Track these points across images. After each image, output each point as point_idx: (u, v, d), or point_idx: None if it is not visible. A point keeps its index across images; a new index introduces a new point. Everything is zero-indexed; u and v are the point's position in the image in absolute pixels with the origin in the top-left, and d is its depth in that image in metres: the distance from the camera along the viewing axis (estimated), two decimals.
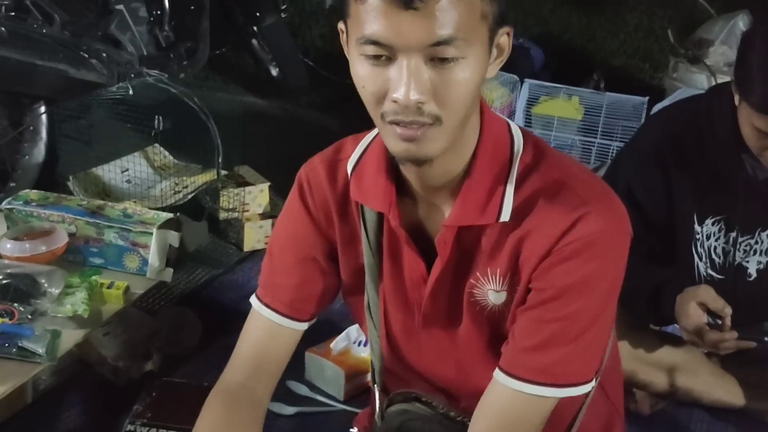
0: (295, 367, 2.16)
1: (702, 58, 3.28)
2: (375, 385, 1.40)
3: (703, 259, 2.11)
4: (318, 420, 2.04)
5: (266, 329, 1.35)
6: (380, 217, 1.25)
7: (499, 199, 1.19)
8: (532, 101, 3.19)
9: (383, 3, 1.04)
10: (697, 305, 1.95)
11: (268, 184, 2.71)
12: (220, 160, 2.42)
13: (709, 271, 2.12)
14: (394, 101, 1.08)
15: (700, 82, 3.25)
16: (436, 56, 1.06)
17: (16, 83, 2.49)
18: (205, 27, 3.22)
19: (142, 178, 2.47)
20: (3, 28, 2.33)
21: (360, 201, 1.26)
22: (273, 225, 2.65)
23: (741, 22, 3.29)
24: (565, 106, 3.14)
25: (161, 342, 2.12)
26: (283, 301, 1.33)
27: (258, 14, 3.57)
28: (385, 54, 1.07)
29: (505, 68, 3.17)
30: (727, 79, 3.13)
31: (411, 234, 1.24)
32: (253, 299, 1.37)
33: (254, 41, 3.70)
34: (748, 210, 2.06)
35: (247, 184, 2.69)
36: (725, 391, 2.12)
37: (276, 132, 3.59)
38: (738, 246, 2.09)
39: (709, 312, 1.97)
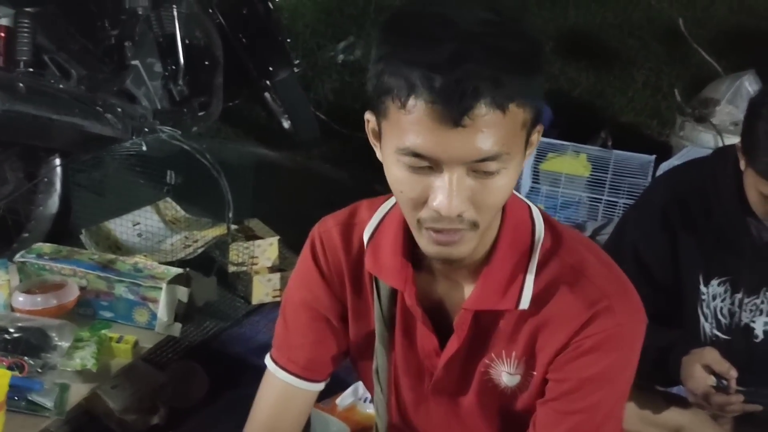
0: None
1: (708, 117, 3.32)
2: None
3: (709, 319, 2.12)
4: None
5: (282, 391, 1.34)
6: (394, 289, 1.25)
7: (519, 285, 1.19)
8: (539, 158, 3.22)
9: (430, 118, 1.02)
10: (702, 367, 1.95)
11: (278, 237, 2.74)
12: (230, 215, 2.45)
13: (715, 331, 2.12)
14: (436, 211, 1.07)
15: (706, 140, 3.28)
16: (480, 170, 1.06)
17: (33, 137, 2.53)
18: (218, 82, 3.28)
19: (153, 232, 2.50)
20: (21, 84, 2.37)
21: (376, 274, 1.25)
22: (281, 278, 2.71)
23: (747, 82, 3.33)
24: (572, 163, 3.17)
25: (168, 395, 2.13)
26: (298, 363, 1.33)
27: (271, 69, 3.63)
28: (426, 165, 1.06)
29: None
30: (733, 138, 3.19)
31: (426, 307, 1.23)
32: (267, 361, 1.36)
33: (267, 94, 3.77)
34: (753, 271, 2.07)
35: (257, 237, 2.72)
36: None
37: (287, 185, 3.63)
38: (744, 307, 2.10)
39: (715, 374, 1.97)
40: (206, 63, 3.22)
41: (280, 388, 1.34)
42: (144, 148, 2.41)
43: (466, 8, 1.05)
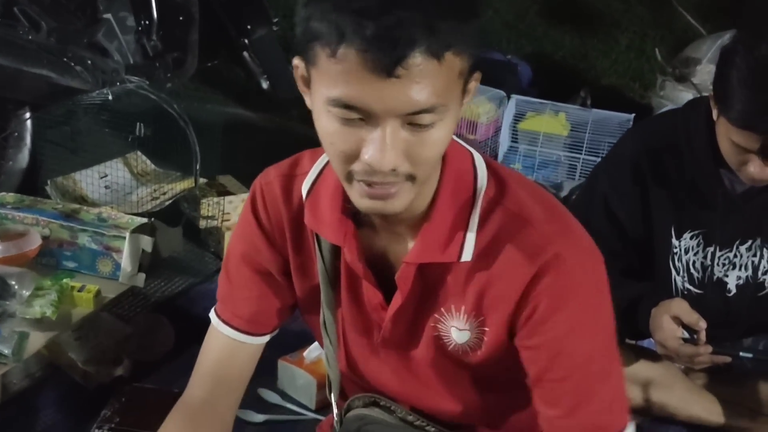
0: (268, 375, 2.17)
1: (689, 76, 3.29)
2: (332, 395, 1.38)
3: (681, 273, 2.10)
4: (287, 428, 2.03)
5: (226, 346, 1.32)
6: (337, 245, 1.20)
7: (461, 238, 1.14)
8: (518, 117, 3.19)
9: (362, 68, 0.96)
10: (671, 319, 1.94)
11: None
12: (198, 167, 2.42)
13: (687, 285, 2.11)
14: (368, 164, 1.02)
15: (687, 99, 3.25)
16: (415, 122, 1.01)
17: (0, 88, 2.49)
18: (193, 38, 3.23)
19: (120, 184, 2.47)
20: None
21: (315, 230, 1.21)
22: None
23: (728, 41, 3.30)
24: (551, 122, 3.14)
25: (133, 348, 2.11)
26: (242, 317, 1.31)
27: (249, 27, 3.58)
28: (358, 117, 1.00)
29: (493, 84, 3.23)
30: None
31: (370, 262, 1.19)
32: (211, 314, 1.34)
33: (245, 54, 3.71)
34: (726, 224, 2.05)
35: (229, 193, 2.69)
36: (702, 407, 2.10)
37: (264, 144, 3.58)
38: (717, 260, 2.08)
39: (684, 326, 1.95)
40: (181, 18, 3.17)
41: (225, 343, 1.32)
42: (110, 97, 2.36)
43: None
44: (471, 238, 1.14)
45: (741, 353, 1.96)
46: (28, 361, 1.92)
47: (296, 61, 1.08)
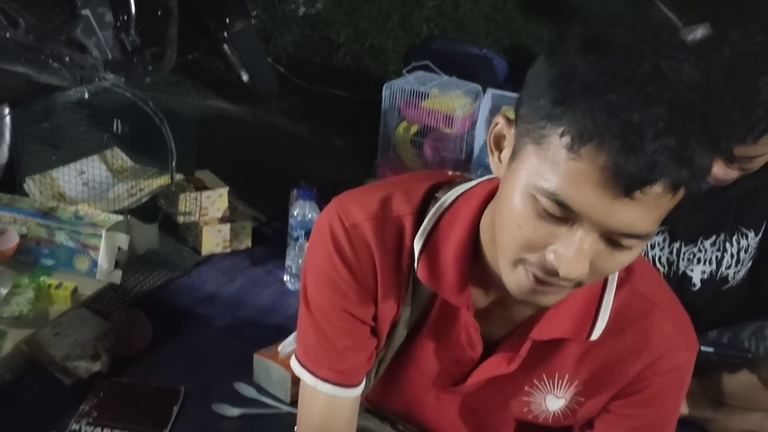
0: (244, 369, 2.20)
1: None
2: None
3: None
4: (263, 422, 2.05)
5: (328, 404, 1.21)
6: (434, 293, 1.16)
7: (593, 316, 1.11)
8: (494, 111, 3.21)
9: (599, 178, 0.88)
10: None
11: (227, 188, 2.74)
12: (173, 164, 2.45)
13: None
14: (551, 265, 0.95)
15: None
16: (617, 241, 0.94)
17: None
18: (172, 32, 3.24)
19: (98, 181, 2.49)
20: None
21: (433, 289, 1.13)
22: (231, 229, 2.71)
23: (699, 34, 3.33)
24: None
25: (111, 343, 2.14)
26: (341, 371, 1.20)
27: (227, 20, 3.59)
28: (564, 216, 0.93)
29: (469, 78, 3.26)
30: None
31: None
32: (302, 373, 1.22)
33: (225, 46, 3.73)
34: (690, 220, 2.10)
35: (206, 188, 2.72)
36: None
37: (243, 138, 3.62)
38: (682, 255, 2.13)
39: None
40: (159, 13, 3.17)
41: (327, 400, 1.21)
42: (86, 96, 2.38)
43: (676, 58, 0.88)
44: (604, 317, 1.12)
45: (703, 347, 2.01)
46: (8, 356, 1.94)
47: (500, 119, 1.01)
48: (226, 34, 3.58)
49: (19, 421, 1.98)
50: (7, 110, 2.70)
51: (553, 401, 1.19)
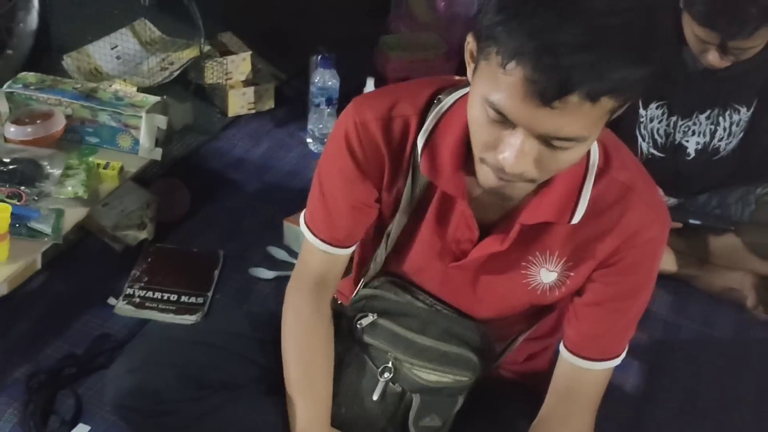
0: (274, 233, 2.42)
1: None
2: (362, 278, 1.56)
3: (647, 139, 2.33)
4: None
5: (326, 258, 1.49)
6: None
7: (574, 202, 1.30)
8: None
9: (524, 90, 1.05)
10: None
11: (250, 53, 2.86)
12: (203, 41, 2.56)
13: (652, 150, 2.34)
14: (500, 164, 1.15)
15: None
16: (553, 143, 1.11)
17: None
18: None
19: (131, 54, 2.61)
20: None
21: (432, 179, 1.33)
22: (255, 92, 2.86)
23: None
24: None
25: (154, 212, 2.34)
26: (338, 238, 1.47)
27: None
28: (505, 120, 1.11)
29: None
30: None
31: (470, 199, 1.34)
32: (306, 232, 1.50)
33: None
34: (687, 96, 2.26)
35: (230, 52, 2.84)
36: None
37: None
38: (678, 128, 2.30)
39: None
40: None
41: (324, 255, 1.49)
42: None
43: None
44: (583, 204, 1.30)
45: (691, 220, 2.22)
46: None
47: (469, 38, 1.16)
48: None
49: (78, 286, 2.20)
50: None
51: (546, 274, 1.39)
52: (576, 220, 1.31)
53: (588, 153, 1.29)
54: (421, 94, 1.36)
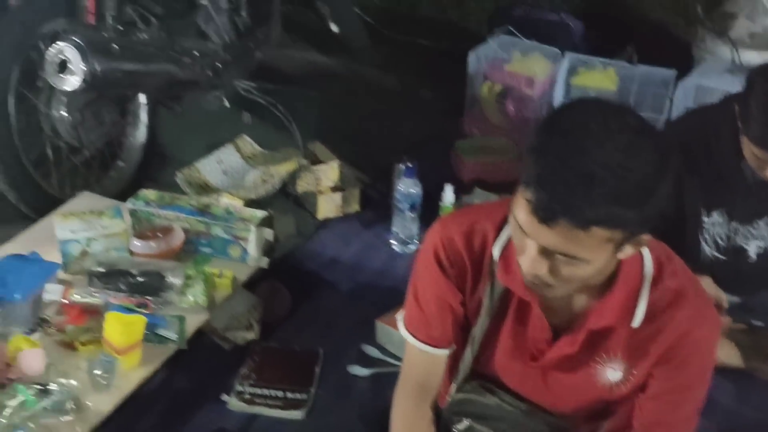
0: (367, 330, 2.63)
1: (726, 30, 3.56)
2: (454, 381, 1.77)
3: (709, 243, 2.51)
4: (391, 378, 2.42)
5: (427, 358, 1.71)
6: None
7: (633, 308, 1.52)
8: (571, 72, 3.52)
9: (529, 210, 1.32)
10: None
11: (338, 162, 3.12)
12: (300, 157, 2.83)
13: (715, 253, 2.52)
14: (520, 265, 1.42)
15: (724, 53, 3.54)
16: (557, 256, 1.36)
17: (125, 88, 2.91)
18: (276, 6, 3.57)
19: (235, 168, 2.89)
20: (115, 45, 2.73)
21: (508, 286, 1.57)
22: (342, 197, 3.12)
23: None
24: (601, 78, 3.46)
25: (260, 314, 2.58)
26: (435, 338, 1.69)
27: None
28: (522, 231, 1.38)
29: (548, 41, 3.54)
30: (749, 51, 3.44)
31: (543, 303, 1.55)
32: (406, 334, 1.72)
33: (318, 1, 3.99)
34: (746, 203, 2.44)
35: (320, 162, 3.11)
36: (724, 353, 2.50)
37: (338, 91, 3.91)
38: (738, 233, 2.48)
39: None
40: None
41: (425, 356, 1.71)
42: (227, 104, 2.76)
43: (602, 144, 1.29)
44: (641, 309, 1.52)
45: (753, 321, 2.39)
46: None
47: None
48: None
49: (194, 383, 2.42)
50: (143, 98, 3.12)
51: (612, 373, 1.59)
52: (635, 324, 1.52)
53: (642, 263, 1.52)
54: (498, 211, 1.60)
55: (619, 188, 1.28)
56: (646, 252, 1.54)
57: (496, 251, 1.58)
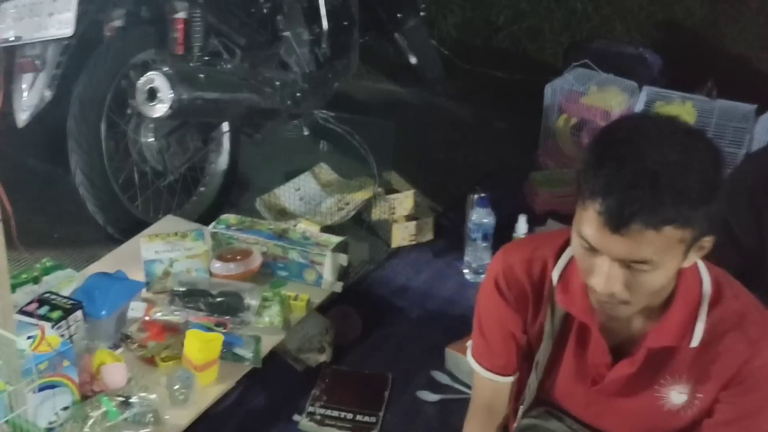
0: (436, 357, 2.67)
1: None
2: (521, 408, 1.79)
3: None
4: (458, 405, 2.44)
5: (492, 386, 1.75)
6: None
7: (692, 328, 1.51)
8: (649, 106, 3.51)
9: (598, 222, 1.33)
10: None
11: (413, 191, 3.17)
12: (376, 186, 2.89)
13: None
14: (592, 287, 1.41)
15: None
16: (632, 266, 1.36)
17: (209, 116, 3.02)
18: (355, 38, 3.65)
19: (311, 195, 2.97)
20: (201, 75, 2.84)
21: (567, 309, 1.58)
22: (416, 225, 3.16)
23: None
24: (679, 112, 3.44)
25: (332, 337, 2.64)
26: (499, 365, 1.73)
27: (400, 16, 3.93)
28: (593, 249, 1.38)
29: (625, 75, 3.55)
30: None
31: (603, 325, 1.56)
32: (474, 364, 1.76)
33: (396, 35, 4.06)
34: None
35: (395, 191, 3.17)
36: None
37: (414, 122, 4.00)
38: None
39: None
40: (345, 23, 3.58)
41: (491, 384, 1.75)
42: (306, 132, 2.85)
43: (659, 146, 1.32)
44: (699, 329, 1.52)
45: None
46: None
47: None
48: (398, 33, 3.94)
49: (264, 401, 2.50)
50: (226, 126, 3.22)
51: (676, 396, 1.58)
52: (694, 344, 1.52)
53: (701, 284, 1.53)
54: (557, 238, 1.62)
55: (685, 185, 1.31)
56: (704, 272, 1.55)
57: (555, 276, 1.60)
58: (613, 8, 4.51)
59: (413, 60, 4.11)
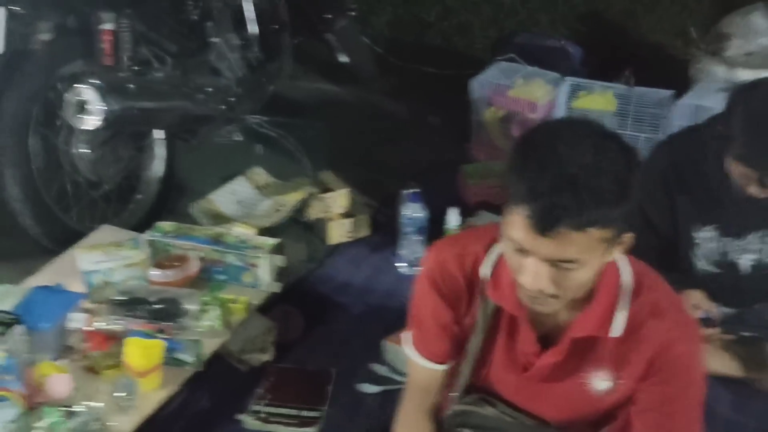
0: (377, 352, 2.73)
1: (721, 51, 3.66)
2: (454, 393, 1.88)
3: (701, 258, 2.60)
4: (399, 395, 2.44)
5: (429, 374, 1.84)
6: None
7: (611, 319, 1.61)
8: (572, 96, 3.63)
9: (526, 226, 1.40)
10: (691, 305, 2.47)
11: (348, 189, 3.24)
12: (311, 187, 2.95)
13: (706, 267, 2.61)
14: (522, 284, 1.50)
15: (719, 73, 3.64)
16: (559, 264, 1.45)
17: (142, 125, 3.05)
18: (287, 42, 3.70)
19: (247, 199, 3.02)
20: (131, 84, 2.87)
21: (499, 303, 1.67)
22: (352, 222, 3.24)
23: (756, 16, 3.65)
24: (600, 100, 3.57)
25: (274, 336, 2.70)
26: (436, 355, 1.81)
27: (330, 17, 3.96)
28: (522, 250, 1.46)
29: (549, 67, 3.66)
30: (744, 70, 3.53)
31: (530, 316, 1.65)
32: (412, 352, 1.84)
33: (328, 35, 4.09)
34: (737, 219, 2.54)
35: (330, 190, 3.24)
36: (722, 364, 2.60)
37: (348, 119, 4.06)
38: (731, 247, 2.58)
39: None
40: (275, 27, 3.62)
41: (427, 372, 1.84)
42: (240, 138, 2.90)
43: (574, 149, 1.40)
44: (620, 319, 1.62)
45: (742, 332, 2.48)
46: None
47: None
48: (329, 33, 3.99)
49: (210, 402, 2.53)
50: (160, 133, 3.25)
51: (600, 382, 1.68)
52: (614, 333, 1.61)
53: (620, 277, 1.62)
54: (486, 235, 1.71)
55: (600, 187, 1.38)
56: (623, 266, 1.65)
57: (485, 271, 1.69)
58: (539, 1, 4.61)
59: (346, 59, 4.16)
